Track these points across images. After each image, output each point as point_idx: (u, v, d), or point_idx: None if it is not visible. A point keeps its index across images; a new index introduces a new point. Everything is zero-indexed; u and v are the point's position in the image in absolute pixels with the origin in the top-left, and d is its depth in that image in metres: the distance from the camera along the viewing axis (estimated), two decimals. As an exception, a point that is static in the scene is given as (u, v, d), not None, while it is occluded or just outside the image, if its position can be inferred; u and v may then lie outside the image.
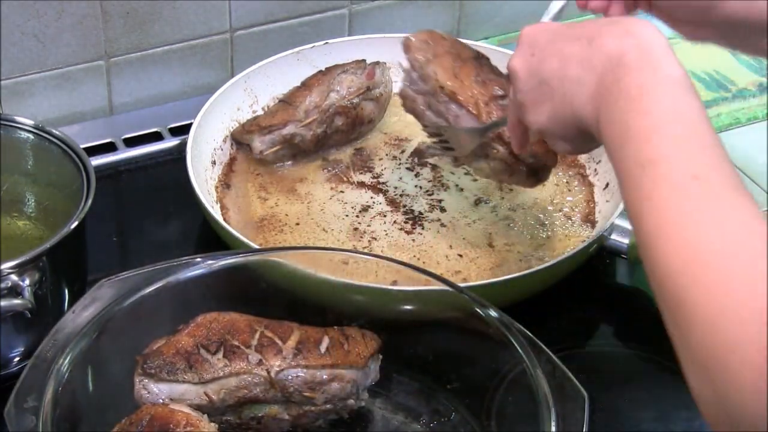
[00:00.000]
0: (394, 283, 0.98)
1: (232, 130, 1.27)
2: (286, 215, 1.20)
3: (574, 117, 0.83)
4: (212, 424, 0.90)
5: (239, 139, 1.26)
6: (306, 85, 1.27)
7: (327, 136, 1.26)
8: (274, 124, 1.24)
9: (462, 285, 0.99)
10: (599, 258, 1.17)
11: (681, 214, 0.68)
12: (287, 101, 1.26)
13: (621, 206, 1.13)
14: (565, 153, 0.99)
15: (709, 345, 0.62)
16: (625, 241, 1.14)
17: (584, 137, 0.85)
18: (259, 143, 1.24)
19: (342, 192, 1.23)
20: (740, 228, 0.66)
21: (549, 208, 1.21)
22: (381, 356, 0.97)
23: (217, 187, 1.22)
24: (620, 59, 0.78)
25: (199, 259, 0.96)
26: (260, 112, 1.30)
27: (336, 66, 1.29)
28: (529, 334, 0.90)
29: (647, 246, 0.69)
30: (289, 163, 1.26)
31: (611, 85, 0.78)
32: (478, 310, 0.92)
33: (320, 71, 1.29)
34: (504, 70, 1.32)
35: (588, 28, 0.84)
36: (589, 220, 1.20)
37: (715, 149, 0.71)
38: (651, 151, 0.72)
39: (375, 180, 1.25)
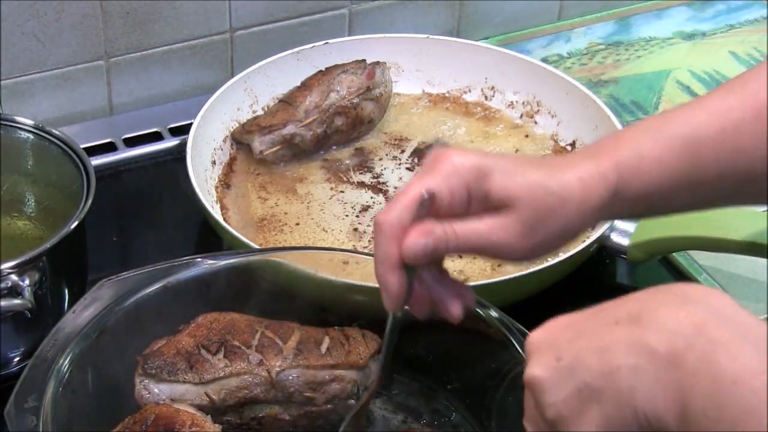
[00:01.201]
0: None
1: (232, 130, 1.27)
2: (286, 215, 1.20)
3: (638, 414, 0.66)
4: (216, 424, 0.90)
5: (239, 139, 1.26)
6: (306, 85, 1.27)
7: (327, 136, 1.26)
8: (274, 124, 1.24)
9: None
10: (599, 258, 1.16)
11: None
12: (287, 101, 1.26)
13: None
14: None
15: None
16: (625, 241, 1.14)
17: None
18: (258, 143, 1.24)
19: (342, 192, 1.23)
20: None
21: (549, 208, 1.21)
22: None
23: (217, 187, 1.22)
24: (699, 330, 0.64)
25: (199, 259, 0.96)
26: (260, 112, 1.30)
27: (336, 66, 1.29)
28: (530, 333, 0.90)
29: None
30: (289, 162, 1.26)
31: (695, 365, 0.63)
32: (479, 309, 0.92)
33: (320, 71, 1.29)
34: (505, 71, 1.34)
35: (623, 306, 0.69)
36: (589, 220, 1.20)
37: None
38: None
39: (375, 180, 1.25)
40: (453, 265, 1.14)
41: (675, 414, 0.64)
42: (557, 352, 0.70)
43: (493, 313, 0.92)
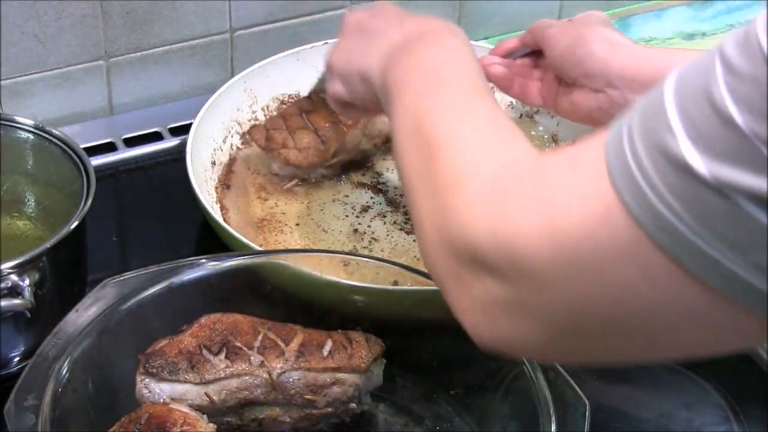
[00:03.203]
0: (396, 284, 0.98)
1: (232, 130, 1.27)
2: (286, 216, 1.20)
3: (360, 63, 0.95)
4: (211, 424, 0.90)
5: (259, 144, 1.23)
6: (345, 124, 1.22)
7: (344, 164, 1.25)
8: (300, 164, 1.21)
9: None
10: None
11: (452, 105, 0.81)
12: (318, 132, 1.21)
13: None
14: (335, 100, 1.03)
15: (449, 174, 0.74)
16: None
17: (360, 85, 0.96)
18: (278, 168, 1.22)
19: (342, 192, 1.23)
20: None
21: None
22: (384, 360, 0.97)
23: (216, 188, 1.22)
24: (435, 30, 0.91)
25: (203, 260, 0.96)
26: (260, 113, 1.30)
27: None
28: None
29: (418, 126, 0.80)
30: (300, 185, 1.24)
31: (412, 42, 0.90)
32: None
33: None
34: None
35: (424, 15, 0.96)
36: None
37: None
38: (439, 69, 0.85)
39: (375, 180, 1.25)
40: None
41: (379, 67, 0.91)
42: (375, 12, 0.99)
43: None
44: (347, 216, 1.20)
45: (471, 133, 0.76)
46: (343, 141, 1.22)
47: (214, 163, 1.24)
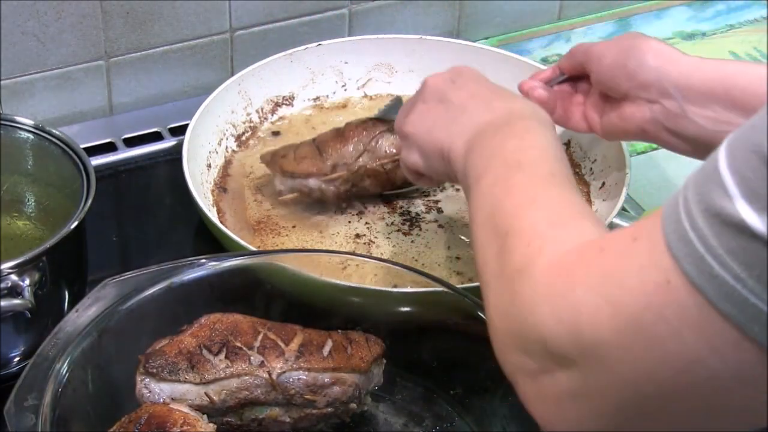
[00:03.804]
0: (395, 285, 0.98)
1: (227, 132, 1.27)
2: (283, 218, 1.20)
3: (449, 152, 0.92)
4: (211, 424, 0.90)
5: (264, 161, 1.21)
6: (343, 135, 1.19)
7: (351, 193, 1.20)
8: (297, 172, 1.18)
9: (462, 287, 1.00)
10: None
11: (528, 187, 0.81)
12: (319, 147, 1.19)
13: (618, 205, 1.13)
14: (408, 169, 1.02)
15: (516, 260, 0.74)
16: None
17: (443, 170, 0.95)
18: (279, 183, 1.19)
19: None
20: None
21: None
22: (385, 361, 0.97)
23: (213, 191, 1.22)
24: (520, 114, 0.89)
25: (203, 260, 0.96)
26: (254, 115, 1.30)
27: (384, 121, 1.21)
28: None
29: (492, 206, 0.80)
30: (308, 207, 1.21)
31: (498, 126, 0.88)
32: (480, 314, 0.92)
33: (369, 119, 1.22)
34: (500, 71, 1.34)
35: (506, 92, 0.95)
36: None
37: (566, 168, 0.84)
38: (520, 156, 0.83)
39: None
40: (453, 266, 1.14)
41: (460, 146, 0.90)
42: (457, 77, 0.98)
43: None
44: (344, 218, 1.20)
45: (541, 220, 0.76)
46: (341, 152, 1.18)
47: (209, 165, 1.24)
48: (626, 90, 1.02)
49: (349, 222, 1.19)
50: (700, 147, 0.99)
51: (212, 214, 1.14)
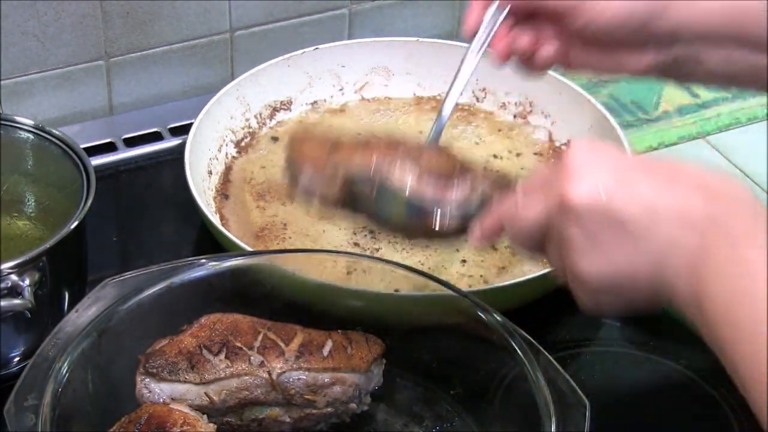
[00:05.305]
0: (398, 289, 0.98)
1: (226, 138, 1.27)
2: (286, 225, 1.19)
3: (656, 280, 0.73)
4: (211, 424, 0.90)
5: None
6: (368, 145, 0.97)
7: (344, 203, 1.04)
8: (294, 157, 0.97)
9: (466, 290, 1.00)
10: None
11: None
12: (342, 142, 0.97)
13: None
14: (597, 308, 0.80)
15: None
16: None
17: (649, 300, 0.76)
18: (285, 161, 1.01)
19: (342, 198, 1.23)
20: None
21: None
22: (385, 361, 0.97)
23: (215, 198, 1.22)
24: (726, 222, 0.71)
25: (203, 260, 0.96)
26: (253, 120, 1.30)
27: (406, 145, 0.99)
28: (532, 340, 0.90)
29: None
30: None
31: (718, 252, 0.70)
32: (482, 314, 0.92)
33: (396, 141, 1.00)
34: (496, 72, 1.33)
35: (672, 168, 0.74)
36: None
37: None
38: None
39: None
40: (457, 269, 1.14)
41: (687, 286, 0.71)
42: (606, 189, 0.73)
43: (496, 318, 0.92)
44: (349, 223, 1.19)
45: None
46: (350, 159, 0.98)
47: (210, 172, 1.23)
48: (631, 40, 0.91)
49: (354, 233, 1.19)
50: (700, 82, 0.96)
51: (216, 221, 1.14)
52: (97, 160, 1.26)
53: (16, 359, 1.03)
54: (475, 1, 0.96)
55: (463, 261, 1.15)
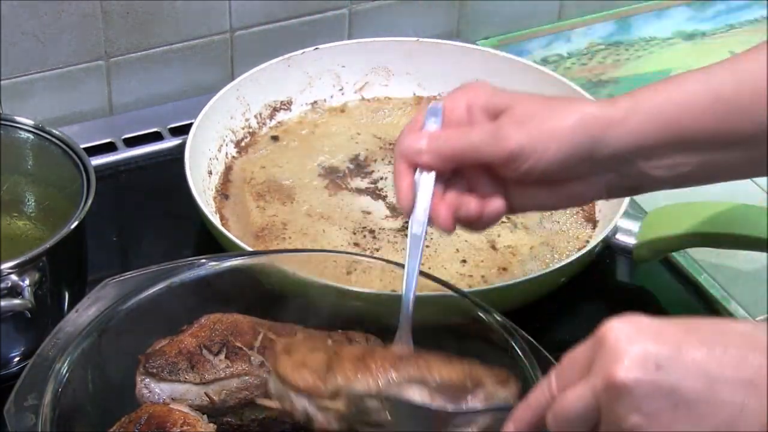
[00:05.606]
0: (398, 289, 0.98)
1: (226, 138, 1.27)
2: (287, 225, 1.19)
3: None
4: (211, 424, 0.90)
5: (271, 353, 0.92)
6: (365, 361, 0.85)
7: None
8: (288, 380, 0.84)
9: (466, 290, 1.00)
10: (599, 258, 1.16)
11: None
12: (332, 361, 0.85)
13: (623, 206, 1.13)
14: None
15: None
16: (631, 240, 1.13)
17: None
18: (270, 381, 0.87)
19: (341, 199, 1.23)
20: None
21: (550, 208, 1.21)
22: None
23: (215, 198, 1.22)
24: None
25: (203, 260, 0.96)
26: (252, 120, 1.29)
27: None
28: (532, 340, 0.90)
29: None
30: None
31: None
32: (482, 314, 0.92)
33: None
34: (496, 72, 1.33)
35: (718, 329, 0.69)
36: (591, 219, 1.20)
37: None
38: None
39: (373, 186, 1.25)
40: (457, 269, 1.14)
41: None
42: (656, 360, 0.67)
43: (497, 318, 0.92)
44: (348, 222, 1.19)
45: None
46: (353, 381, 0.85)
47: (210, 172, 1.23)
48: (577, 172, 0.88)
49: (353, 226, 1.19)
50: (652, 190, 0.92)
51: (216, 221, 1.14)
52: (97, 160, 1.26)
53: (16, 359, 1.03)
54: (400, 167, 0.88)
55: (463, 261, 1.15)
